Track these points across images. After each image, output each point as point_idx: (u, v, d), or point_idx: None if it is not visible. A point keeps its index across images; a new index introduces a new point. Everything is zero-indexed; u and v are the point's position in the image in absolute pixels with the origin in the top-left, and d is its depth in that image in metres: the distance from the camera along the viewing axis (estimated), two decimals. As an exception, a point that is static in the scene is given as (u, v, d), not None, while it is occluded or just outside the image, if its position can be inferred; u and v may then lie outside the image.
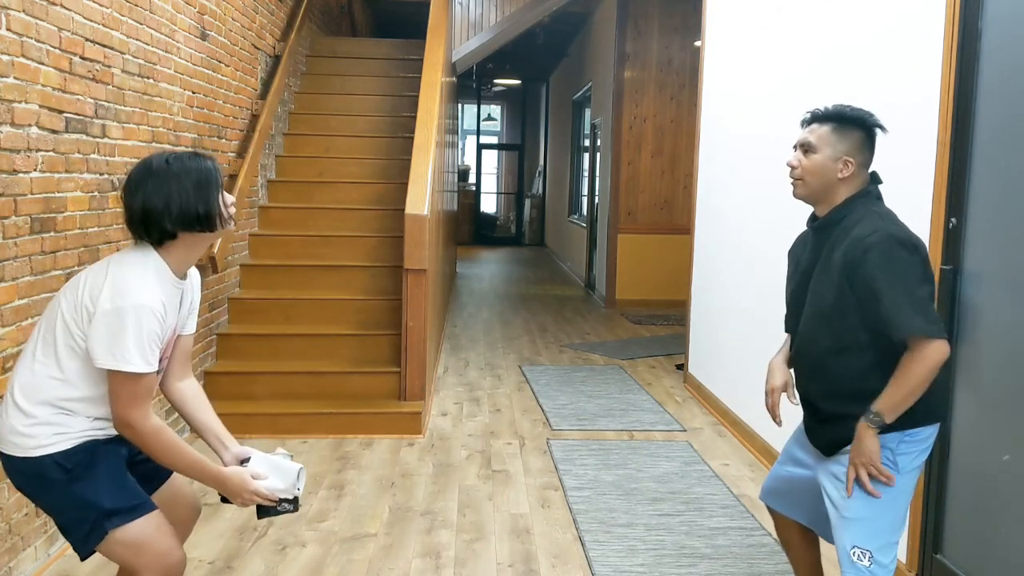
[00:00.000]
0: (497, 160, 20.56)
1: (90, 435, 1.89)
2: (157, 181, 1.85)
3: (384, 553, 3.03)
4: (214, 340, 4.67)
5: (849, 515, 1.98)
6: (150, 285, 1.83)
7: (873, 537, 1.94)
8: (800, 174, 2.06)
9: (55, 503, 1.89)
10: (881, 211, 2.00)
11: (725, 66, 4.87)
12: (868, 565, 1.93)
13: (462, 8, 8.34)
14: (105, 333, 1.78)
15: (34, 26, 2.72)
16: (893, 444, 1.96)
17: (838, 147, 2.01)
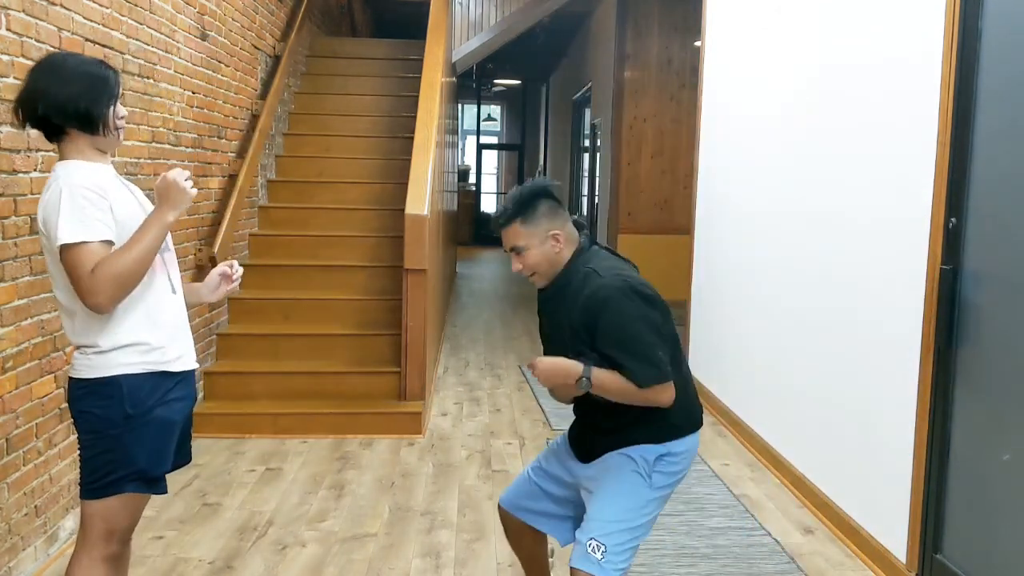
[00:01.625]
0: (497, 160, 20.56)
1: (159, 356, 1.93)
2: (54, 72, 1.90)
3: (384, 553, 3.03)
4: (214, 340, 4.67)
5: (593, 514, 2.07)
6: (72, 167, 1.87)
7: (611, 536, 2.01)
8: (529, 272, 2.12)
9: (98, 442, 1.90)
10: (594, 265, 2.07)
11: (725, 66, 4.87)
12: (600, 558, 2.00)
13: (462, 8, 8.35)
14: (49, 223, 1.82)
15: (34, 26, 2.72)
16: (651, 457, 2.06)
17: (537, 232, 2.08)
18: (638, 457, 2.07)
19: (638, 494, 2.06)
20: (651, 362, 1.97)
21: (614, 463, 2.10)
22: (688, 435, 2.12)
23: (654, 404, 2.00)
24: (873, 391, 3.01)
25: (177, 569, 2.87)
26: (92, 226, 1.81)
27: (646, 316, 2.00)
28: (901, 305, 2.81)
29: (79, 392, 1.91)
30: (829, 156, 3.41)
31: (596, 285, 2.01)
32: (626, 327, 1.98)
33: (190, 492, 3.55)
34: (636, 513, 2.05)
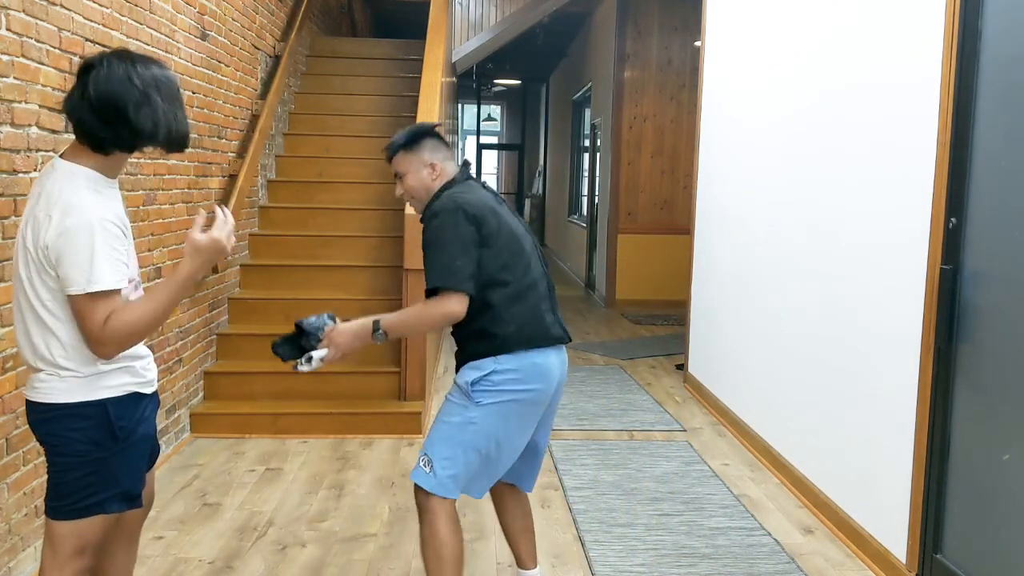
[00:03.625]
0: (497, 160, 20.55)
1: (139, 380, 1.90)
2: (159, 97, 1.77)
3: (384, 553, 3.03)
4: (214, 340, 4.67)
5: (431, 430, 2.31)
6: (90, 196, 1.74)
7: (438, 448, 2.26)
8: (407, 196, 2.39)
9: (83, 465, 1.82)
10: (452, 192, 2.28)
11: (725, 66, 4.87)
12: (427, 470, 2.27)
13: (462, 8, 8.34)
14: (63, 260, 1.70)
15: (34, 26, 2.72)
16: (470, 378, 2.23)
17: (417, 161, 2.34)
18: (460, 381, 2.27)
19: (459, 413, 2.25)
20: (441, 266, 2.15)
21: (454, 383, 2.32)
22: (519, 351, 2.23)
23: (446, 317, 2.16)
24: (873, 391, 3.01)
25: (177, 569, 2.87)
26: (119, 271, 1.74)
27: (456, 228, 2.17)
28: (901, 305, 2.81)
29: (52, 415, 1.81)
30: (829, 156, 3.41)
31: (432, 209, 2.25)
32: (432, 236, 2.19)
33: (190, 492, 3.55)
34: (459, 429, 2.24)
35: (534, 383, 2.26)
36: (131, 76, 1.76)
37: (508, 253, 2.24)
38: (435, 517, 2.30)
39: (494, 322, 2.22)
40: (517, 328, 2.23)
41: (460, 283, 2.14)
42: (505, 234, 2.24)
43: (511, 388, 2.24)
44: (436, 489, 2.27)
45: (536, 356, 2.26)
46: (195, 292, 4.33)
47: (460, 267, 2.14)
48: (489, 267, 2.20)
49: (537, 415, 2.33)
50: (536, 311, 2.28)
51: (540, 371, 2.27)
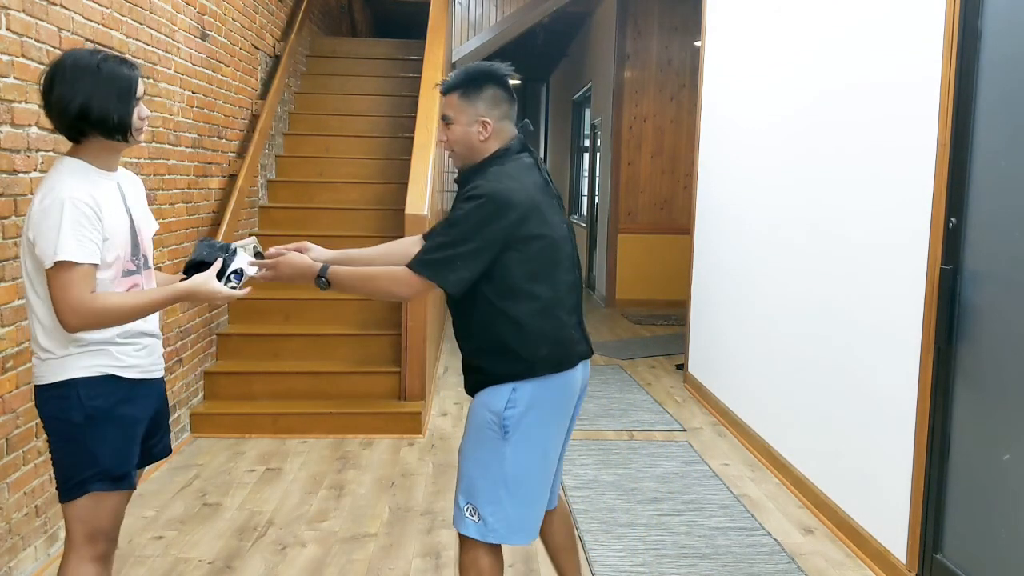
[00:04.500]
0: (497, 160, 20.51)
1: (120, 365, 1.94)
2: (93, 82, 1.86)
3: (384, 553, 3.03)
4: (214, 340, 4.67)
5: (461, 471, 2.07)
6: (68, 180, 1.85)
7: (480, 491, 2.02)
8: (449, 146, 2.12)
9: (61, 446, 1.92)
10: (502, 170, 2.03)
11: (725, 66, 4.87)
12: (476, 520, 2.02)
13: (462, 8, 8.34)
14: (37, 234, 1.81)
15: (34, 26, 2.72)
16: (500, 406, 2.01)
17: (470, 112, 2.06)
18: (485, 410, 2.03)
19: (491, 447, 2.02)
20: (441, 257, 1.95)
21: (474, 410, 2.09)
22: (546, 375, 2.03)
23: (397, 296, 2.04)
24: (873, 391, 3.01)
25: (177, 569, 2.87)
26: (87, 247, 1.82)
27: (486, 225, 1.94)
28: (901, 305, 2.81)
29: (42, 398, 1.93)
30: (829, 155, 3.41)
31: (475, 184, 2.01)
32: (457, 218, 1.97)
33: (190, 492, 3.55)
34: (496, 465, 2.02)
35: (561, 403, 2.09)
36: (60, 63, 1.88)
37: (541, 261, 2.00)
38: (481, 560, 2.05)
39: (521, 341, 1.99)
40: (548, 351, 2.02)
41: (445, 282, 1.95)
42: (542, 240, 1.99)
43: (540, 413, 2.04)
44: (487, 536, 2.02)
45: (562, 378, 2.06)
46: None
47: (458, 267, 1.94)
48: (515, 273, 1.97)
49: (564, 430, 2.16)
50: (565, 329, 2.06)
51: (567, 391, 2.09)
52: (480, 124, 2.06)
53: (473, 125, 2.06)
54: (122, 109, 1.88)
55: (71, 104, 1.84)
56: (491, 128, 2.06)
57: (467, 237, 1.94)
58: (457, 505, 2.08)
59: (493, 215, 1.94)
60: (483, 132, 2.06)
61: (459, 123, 2.07)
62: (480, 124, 2.06)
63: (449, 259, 1.94)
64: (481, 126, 2.06)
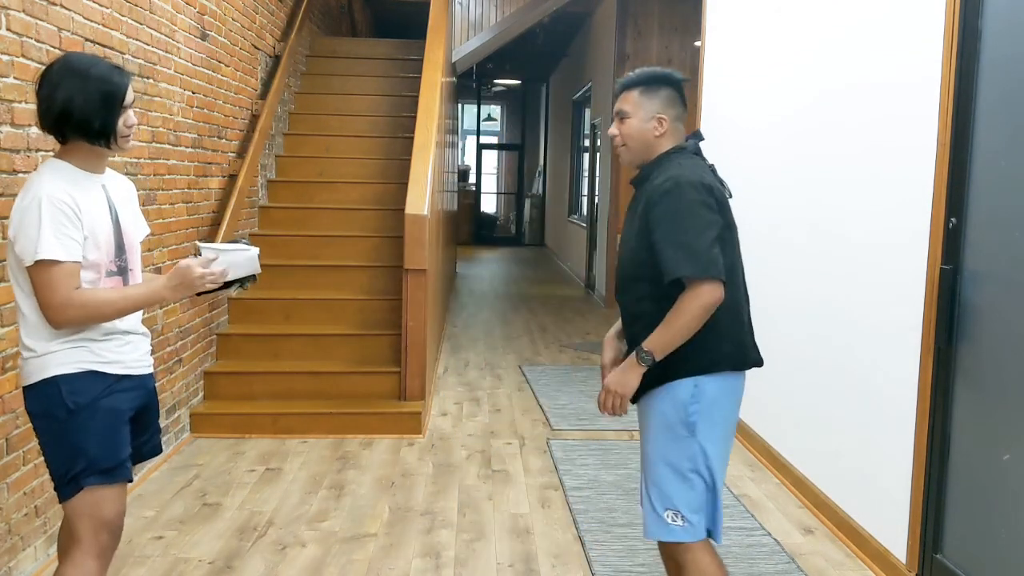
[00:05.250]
0: (497, 160, 20.56)
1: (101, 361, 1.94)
2: (81, 83, 1.87)
3: (384, 553, 3.03)
4: (214, 340, 4.67)
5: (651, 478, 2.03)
6: (48, 179, 1.87)
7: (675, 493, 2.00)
8: (621, 141, 2.13)
9: (49, 442, 1.93)
10: (686, 162, 2.04)
11: (725, 66, 4.87)
12: (681, 523, 2.00)
13: (462, 8, 8.35)
14: (18, 234, 1.83)
15: (34, 26, 2.72)
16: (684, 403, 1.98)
17: (648, 108, 2.09)
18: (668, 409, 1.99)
19: (679, 447, 1.99)
20: (692, 250, 1.88)
21: (653, 410, 2.03)
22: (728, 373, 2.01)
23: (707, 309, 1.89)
24: (873, 391, 3.01)
25: (177, 569, 2.87)
26: (68, 245, 1.84)
27: (707, 208, 1.92)
28: (901, 305, 2.81)
29: (28, 398, 1.95)
30: (829, 155, 3.41)
31: (667, 176, 1.98)
32: (677, 212, 1.92)
33: (190, 492, 3.55)
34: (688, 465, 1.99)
35: (734, 405, 2.06)
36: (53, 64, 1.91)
37: (732, 255, 2.00)
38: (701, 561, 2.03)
39: (711, 334, 1.95)
40: (733, 347, 2.02)
41: (714, 271, 1.88)
42: (732, 235, 2.00)
43: (722, 410, 2.02)
44: (699, 535, 2.01)
45: (737, 380, 2.06)
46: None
47: (712, 253, 1.88)
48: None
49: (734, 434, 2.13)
50: (744, 332, 2.07)
51: (738, 394, 2.07)
52: (656, 120, 2.08)
53: (649, 121, 2.08)
54: (106, 115, 1.89)
55: (54, 104, 1.86)
56: (666, 125, 2.08)
57: (704, 224, 1.92)
58: (655, 514, 2.03)
59: (706, 199, 1.94)
60: (659, 128, 2.08)
61: (635, 118, 2.09)
62: (656, 120, 2.08)
63: (708, 250, 1.89)
64: (657, 122, 2.08)
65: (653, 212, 1.96)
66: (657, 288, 1.96)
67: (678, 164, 2.03)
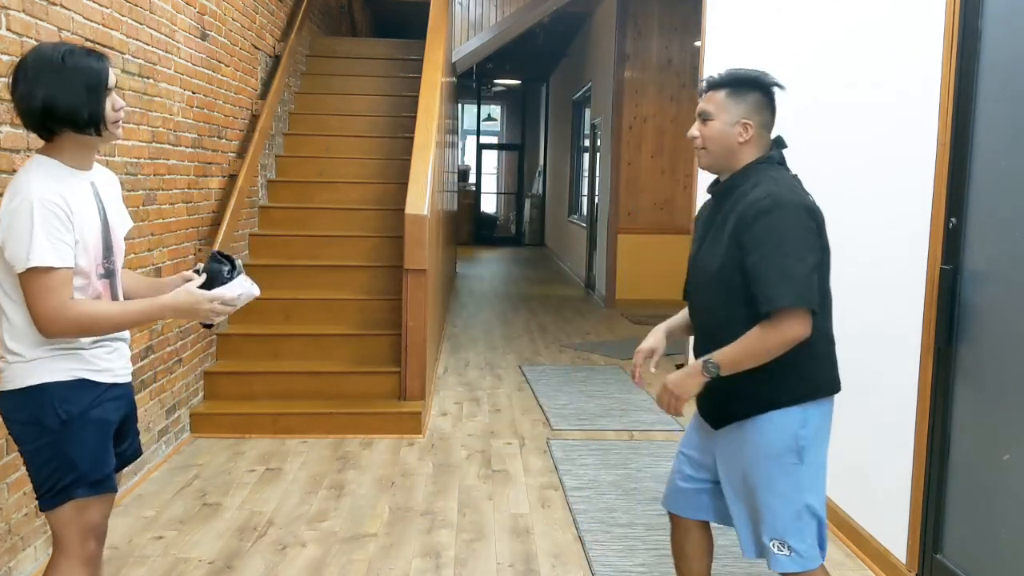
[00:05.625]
0: (497, 160, 20.56)
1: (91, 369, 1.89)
2: (59, 77, 1.80)
3: (384, 553, 3.03)
4: (214, 340, 4.67)
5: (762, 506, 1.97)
6: (39, 180, 1.79)
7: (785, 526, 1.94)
8: (701, 143, 2.02)
9: (38, 452, 1.87)
10: (779, 176, 1.96)
11: (725, 66, 4.87)
12: (789, 554, 1.94)
13: (462, 8, 8.35)
14: (7, 238, 1.76)
15: (34, 26, 2.72)
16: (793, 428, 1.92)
17: (734, 111, 1.98)
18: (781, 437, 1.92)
19: (787, 477, 1.93)
20: (789, 277, 1.80)
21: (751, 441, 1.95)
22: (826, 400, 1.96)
23: (789, 344, 1.82)
24: (873, 391, 3.01)
25: (177, 569, 2.87)
26: (62, 251, 1.77)
27: (807, 232, 1.83)
28: (901, 305, 2.81)
29: (11, 403, 1.87)
30: (828, 155, 3.40)
31: (766, 192, 1.87)
32: (776, 235, 1.82)
33: (190, 492, 3.55)
34: (796, 495, 1.93)
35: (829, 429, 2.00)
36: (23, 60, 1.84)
37: (827, 281, 1.92)
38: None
39: (812, 361, 1.90)
40: (829, 373, 1.97)
41: (809, 300, 1.80)
42: (828, 257, 1.91)
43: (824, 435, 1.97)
44: (808, 565, 1.96)
45: (831, 404, 1.99)
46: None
47: (809, 280, 1.80)
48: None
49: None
50: (834, 354, 2.00)
51: (831, 417, 2.01)
52: (742, 126, 1.97)
53: (735, 125, 1.97)
54: (92, 102, 1.82)
55: (34, 101, 1.79)
56: (752, 132, 1.97)
57: (804, 251, 1.83)
58: (761, 543, 1.98)
59: (807, 223, 1.85)
60: (743, 134, 1.97)
61: (719, 120, 1.98)
62: (742, 126, 1.97)
63: (808, 278, 1.82)
64: (743, 128, 1.97)
65: (749, 232, 1.86)
66: (753, 311, 1.87)
67: (774, 180, 1.92)
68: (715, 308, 2.00)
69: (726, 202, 2.00)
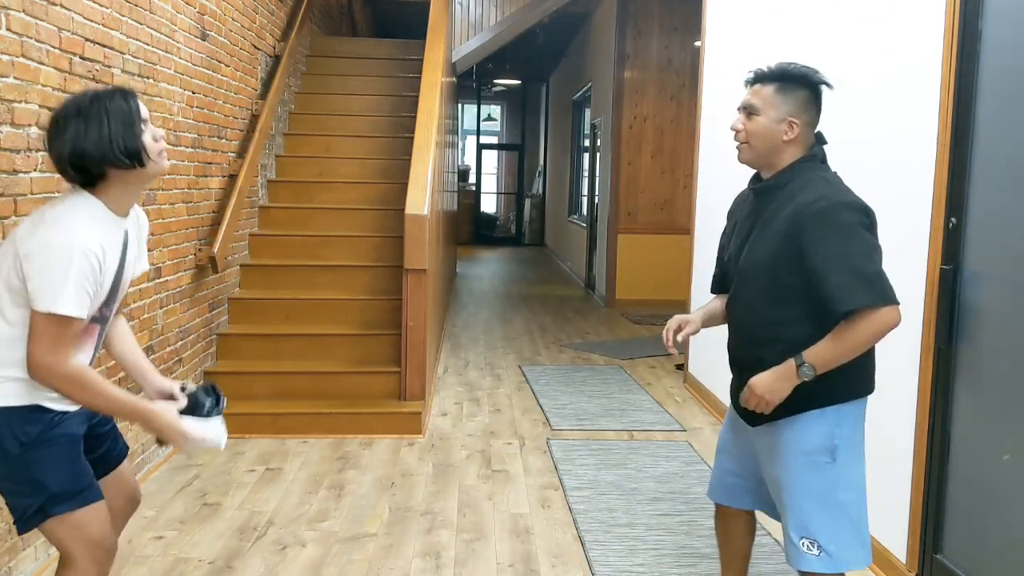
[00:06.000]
0: (497, 160, 20.55)
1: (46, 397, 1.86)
2: (85, 121, 1.81)
3: (384, 553, 3.03)
4: (214, 340, 4.67)
5: (791, 505, 1.97)
6: (84, 224, 1.79)
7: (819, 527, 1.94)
8: (744, 137, 1.99)
9: (3, 476, 1.86)
10: (828, 176, 1.95)
11: (725, 66, 4.87)
12: (817, 554, 1.93)
13: (462, 8, 8.35)
14: (35, 273, 1.74)
15: (34, 26, 2.72)
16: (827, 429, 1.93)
17: (782, 108, 1.95)
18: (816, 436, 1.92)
19: (826, 475, 1.93)
20: (865, 277, 1.78)
21: (787, 438, 1.94)
22: (864, 398, 1.97)
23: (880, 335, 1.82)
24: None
25: (177, 569, 2.87)
26: (84, 303, 1.77)
27: (870, 232, 1.83)
28: (901, 305, 2.81)
29: None
30: (828, 155, 3.40)
31: (820, 194, 1.85)
32: (840, 236, 1.80)
33: (190, 492, 3.55)
34: (831, 494, 1.93)
35: (864, 427, 2.01)
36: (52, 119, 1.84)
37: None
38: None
39: (852, 361, 1.89)
40: (868, 372, 1.98)
41: (890, 295, 1.81)
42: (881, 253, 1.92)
43: (860, 434, 1.98)
44: (835, 567, 1.95)
45: (866, 403, 2.01)
46: (194, 293, 4.33)
47: (885, 277, 1.82)
48: None
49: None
50: (873, 354, 1.99)
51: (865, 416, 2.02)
52: (788, 123, 1.94)
53: (781, 123, 1.94)
54: (127, 136, 1.83)
55: (65, 149, 1.80)
56: (797, 130, 1.94)
57: (871, 247, 1.83)
58: (791, 542, 1.97)
59: (864, 221, 1.85)
60: (789, 132, 1.94)
61: (766, 116, 1.95)
62: (788, 123, 1.94)
63: (880, 274, 1.83)
64: (788, 126, 1.94)
65: (807, 235, 1.84)
66: (813, 312, 1.87)
67: (825, 180, 1.91)
68: (759, 306, 1.98)
69: (771, 200, 1.98)
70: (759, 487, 2.19)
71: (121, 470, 2.12)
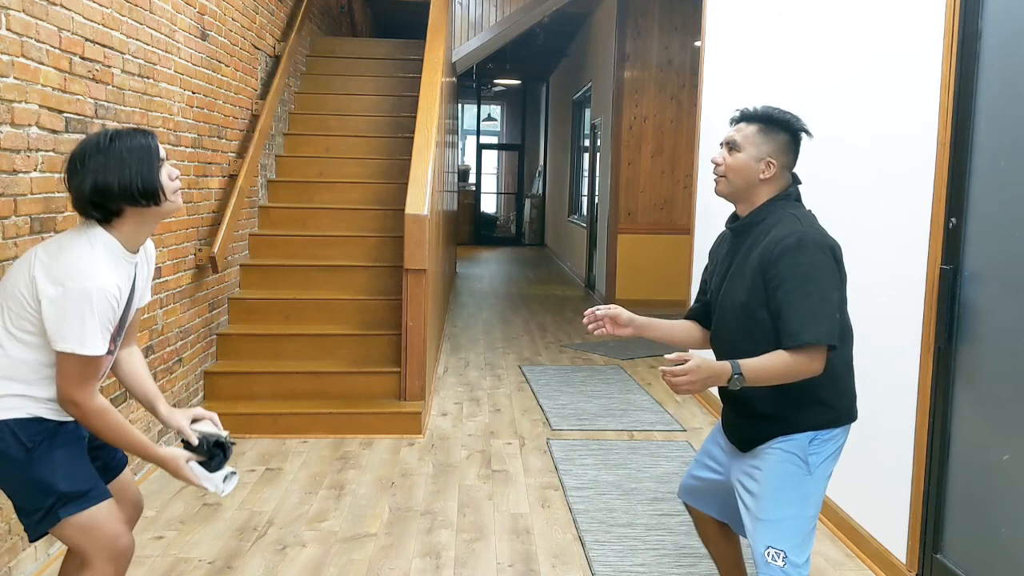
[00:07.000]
0: (497, 160, 20.56)
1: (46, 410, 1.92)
2: (105, 157, 1.87)
3: (384, 553, 3.03)
4: (214, 340, 4.67)
5: (762, 516, 2.01)
6: (103, 267, 1.86)
7: (786, 537, 1.98)
8: (723, 171, 2.07)
9: (12, 483, 1.91)
10: (800, 214, 2.03)
11: (725, 66, 4.87)
12: (782, 565, 1.96)
13: (462, 8, 8.34)
14: (58, 316, 1.81)
15: (34, 26, 2.72)
16: (804, 442, 2.00)
17: (762, 148, 2.03)
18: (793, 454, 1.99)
19: (800, 486, 1.99)
20: (816, 315, 1.86)
21: (775, 456, 2.01)
22: (844, 427, 2.04)
23: (803, 374, 1.88)
24: (873, 391, 3.00)
25: (177, 569, 2.87)
26: (104, 341, 1.85)
27: (832, 271, 1.91)
28: (901, 305, 2.81)
29: None
30: (828, 155, 3.40)
31: (790, 230, 1.93)
32: (803, 273, 1.88)
33: (190, 492, 3.55)
34: (802, 505, 2.00)
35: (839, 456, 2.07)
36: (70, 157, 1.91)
37: (845, 312, 2.00)
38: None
39: (834, 392, 1.99)
40: (850, 403, 2.05)
41: (830, 337, 1.87)
42: (845, 290, 2.00)
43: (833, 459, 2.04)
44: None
45: (847, 432, 2.07)
46: (194, 293, 4.33)
47: (834, 318, 1.89)
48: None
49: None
50: (854, 385, 2.08)
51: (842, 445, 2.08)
52: (766, 163, 2.03)
53: (759, 161, 2.03)
54: (146, 174, 1.89)
55: (86, 185, 1.86)
56: (774, 171, 2.03)
57: (830, 290, 1.91)
58: (756, 552, 2.00)
59: (831, 262, 1.93)
60: (766, 172, 2.03)
61: (746, 153, 2.04)
62: (766, 163, 2.03)
63: (832, 316, 1.89)
64: (766, 165, 2.03)
65: (775, 269, 1.92)
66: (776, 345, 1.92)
67: (795, 218, 1.99)
68: (738, 341, 2.04)
69: (747, 238, 2.06)
70: (727, 499, 2.23)
71: (123, 477, 2.14)
